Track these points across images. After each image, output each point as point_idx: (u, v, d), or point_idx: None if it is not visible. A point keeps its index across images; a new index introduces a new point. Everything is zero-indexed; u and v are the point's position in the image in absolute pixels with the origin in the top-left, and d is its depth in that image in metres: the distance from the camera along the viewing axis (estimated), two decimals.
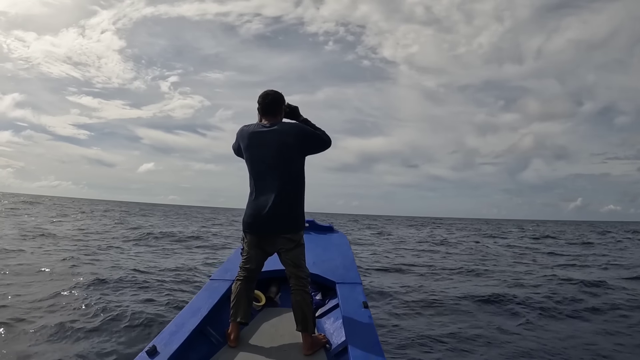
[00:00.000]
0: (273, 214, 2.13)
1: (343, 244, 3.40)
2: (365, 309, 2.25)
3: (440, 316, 5.09)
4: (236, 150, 2.37)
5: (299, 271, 2.18)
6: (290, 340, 2.20)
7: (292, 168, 2.19)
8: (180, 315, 2.20)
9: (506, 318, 5.09)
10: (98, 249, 9.78)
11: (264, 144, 2.17)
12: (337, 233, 3.71)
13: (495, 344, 4.07)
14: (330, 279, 2.68)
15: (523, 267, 9.71)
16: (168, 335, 1.98)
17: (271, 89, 2.30)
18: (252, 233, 2.22)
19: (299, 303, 2.13)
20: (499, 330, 4.55)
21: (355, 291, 2.49)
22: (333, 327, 2.36)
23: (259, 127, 2.22)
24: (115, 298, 5.09)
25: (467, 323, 4.77)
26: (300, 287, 2.16)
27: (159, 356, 1.81)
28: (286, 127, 2.21)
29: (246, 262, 2.26)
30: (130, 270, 6.89)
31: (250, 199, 2.22)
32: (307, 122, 2.32)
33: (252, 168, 2.23)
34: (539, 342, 4.14)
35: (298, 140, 2.17)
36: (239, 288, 2.23)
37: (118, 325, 4.05)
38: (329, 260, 2.96)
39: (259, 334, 2.30)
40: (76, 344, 3.64)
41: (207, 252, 10.71)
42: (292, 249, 2.18)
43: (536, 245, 17.76)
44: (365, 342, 1.94)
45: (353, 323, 2.13)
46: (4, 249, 8.54)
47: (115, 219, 23.65)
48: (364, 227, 30.67)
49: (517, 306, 5.55)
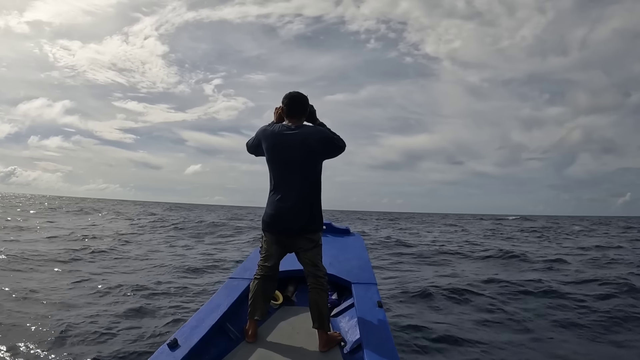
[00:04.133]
0: (295, 214, 2.19)
1: (359, 245, 3.45)
2: (379, 309, 2.28)
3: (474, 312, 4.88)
4: (253, 147, 2.38)
5: (317, 270, 2.23)
6: (306, 338, 2.25)
7: (313, 170, 2.24)
8: (200, 311, 2.29)
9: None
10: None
11: (289, 145, 2.21)
12: (353, 235, 3.75)
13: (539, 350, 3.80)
14: (346, 279, 2.73)
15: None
16: (189, 330, 2.07)
17: (296, 91, 2.32)
18: (271, 232, 2.28)
19: (316, 301, 2.18)
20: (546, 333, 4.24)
21: (370, 291, 2.52)
22: (348, 325, 2.40)
23: (284, 129, 2.25)
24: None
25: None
26: (318, 285, 2.21)
27: (180, 349, 1.90)
28: (310, 130, 2.26)
29: (265, 261, 2.32)
30: None
31: (271, 199, 2.27)
32: (324, 126, 2.37)
33: (274, 168, 2.27)
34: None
35: (321, 144, 2.22)
36: (257, 286, 2.29)
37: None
38: (345, 261, 3.01)
39: (276, 331, 2.36)
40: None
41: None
42: (311, 249, 2.24)
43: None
44: (379, 340, 1.97)
45: (367, 322, 2.16)
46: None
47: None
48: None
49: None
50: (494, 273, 7.48)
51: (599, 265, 8.78)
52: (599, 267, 8.61)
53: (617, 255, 10.57)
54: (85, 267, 7.08)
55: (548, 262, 8.90)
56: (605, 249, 12.27)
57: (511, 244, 13.75)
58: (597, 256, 10.16)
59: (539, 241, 15.78)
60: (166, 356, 1.85)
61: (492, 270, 8.04)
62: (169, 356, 1.85)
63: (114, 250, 9.11)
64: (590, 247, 13.05)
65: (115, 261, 7.89)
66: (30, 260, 7.21)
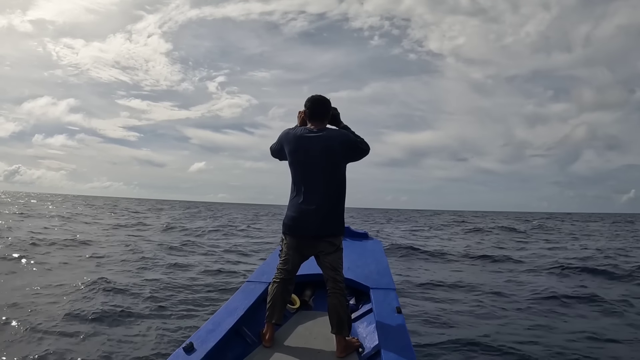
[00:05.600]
0: (317, 217, 2.17)
1: (377, 250, 3.39)
2: (398, 314, 2.23)
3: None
4: (276, 151, 2.39)
5: (337, 275, 2.20)
6: (323, 343, 2.21)
7: (336, 174, 2.22)
8: (217, 315, 2.27)
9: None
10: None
11: (311, 148, 2.20)
12: (371, 240, 3.70)
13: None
14: (365, 284, 2.68)
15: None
16: (205, 334, 2.04)
17: (319, 94, 2.32)
18: (292, 235, 2.26)
19: (335, 306, 2.14)
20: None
21: (389, 296, 2.47)
22: (366, 331, 2.35)
23: (307, 132, 2.25)
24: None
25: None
26: (338, 290, 2.17)
27: (196, 353, 1.87)
28: (333, 133, 2.25)
29: (284, 264, 2.29)
30: None
31: (293, 202, 2.25)
32: (347, 129, 2.36)
33: (296, 172, 2.26)
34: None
35: (344, 147, 2.21)
36: (276, 290, 2.26)
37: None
38: (364, 265, 2.96)
39: (293, 336, 2.32)
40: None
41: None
42: (332, 253, 2.20)
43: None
44: (397, 346, 1.92)
45: (386, 327, 2.11)
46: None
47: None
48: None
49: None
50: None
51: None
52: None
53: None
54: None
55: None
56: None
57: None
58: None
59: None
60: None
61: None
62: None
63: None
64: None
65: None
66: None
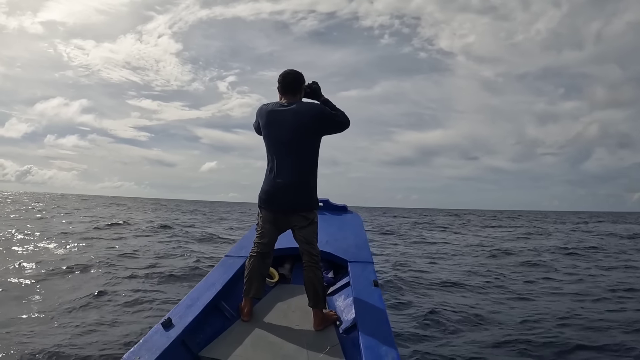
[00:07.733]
0: (289, 192, 2.17)
1: (357, 224, 3.40)
2: (375, 288, 2.26)
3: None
4: (256, 128, 2.40)
5: (312, 248, 2.22)
6: (301, 316, 2.24)
7: (307, 147, 2.20)
8: (195, 290, 2.26)
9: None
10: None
11: (282, 122, 2.19)
12: (351, 213, 3.70)
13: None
14: (343, 257, 2.70)
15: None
16: (183, 309, 2.04)
17: (291, 69, 2.31)
18: (267, 209, 2.27)
19: (311, 279, 2.17)
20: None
21: (367, 270, 2.50)
22: (344, 304, 2.39)
23: (277, 106, 2.24)
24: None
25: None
26: (312, 263, 2.20)
27: (174, 328, 1.87)
28: (304, 106, 2.22)
29: (260, 238, 2.30)
30: None
31: (267, 176, 2.26)
32: (327, 103, 2.33)
33: (269, 146, 2.26)
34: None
35: (315, 120, 2.18)
36: (253, 264, 2.27)
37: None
38: (342, 239, 2.97)
39: (271, 309, 2.34)
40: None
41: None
42: (306, 227, 2.22)
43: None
44: (374, 319, 1.96)
45: (363, 301, 2.15)
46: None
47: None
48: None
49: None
50: None
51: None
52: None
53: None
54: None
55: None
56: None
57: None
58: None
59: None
60: (160, 336, 1.82)
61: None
62: (163, 336, 1.82)
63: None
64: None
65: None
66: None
